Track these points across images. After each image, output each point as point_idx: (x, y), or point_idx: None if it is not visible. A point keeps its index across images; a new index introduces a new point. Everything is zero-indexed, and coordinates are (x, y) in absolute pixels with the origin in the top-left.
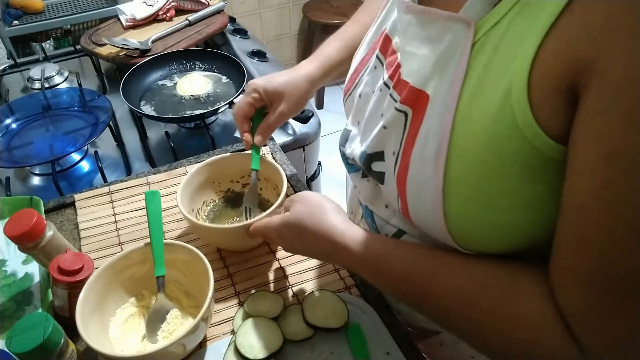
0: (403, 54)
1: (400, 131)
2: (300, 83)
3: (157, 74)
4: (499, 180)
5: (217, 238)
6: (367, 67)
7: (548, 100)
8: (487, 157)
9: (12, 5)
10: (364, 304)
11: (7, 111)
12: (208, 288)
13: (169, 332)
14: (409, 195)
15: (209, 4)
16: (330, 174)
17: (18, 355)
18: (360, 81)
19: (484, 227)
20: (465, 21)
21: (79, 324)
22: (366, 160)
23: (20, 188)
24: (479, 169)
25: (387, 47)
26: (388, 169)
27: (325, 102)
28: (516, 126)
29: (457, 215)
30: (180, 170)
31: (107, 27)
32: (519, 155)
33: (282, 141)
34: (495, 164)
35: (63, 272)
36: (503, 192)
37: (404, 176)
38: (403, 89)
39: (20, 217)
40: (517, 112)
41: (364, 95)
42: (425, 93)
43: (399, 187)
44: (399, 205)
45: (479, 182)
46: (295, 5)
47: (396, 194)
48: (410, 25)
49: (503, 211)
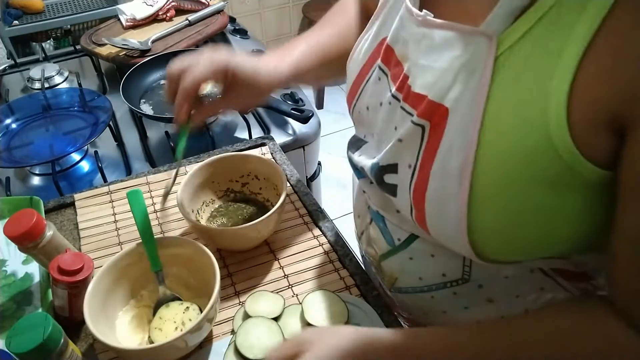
0: (415, 67)
1: (416, 144)
2: (269, 79)
3: (157, 74)
4: (527, 195)
5: (217, 239)
6: (369, 78)
7: (589, 125)
8: (516, 172)
9: (12, 5)
10: (364, 304)
11: (7, 111)
12: (214, 287)
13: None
14: (428, 208)
15: (209, 4)
16: (330, 174)
17: (18, 355)
18: (364, 92)
19: (509, 241)
20: (487, 35)
21: (89, 322)
22: (378, 172)
23: (20, 188)
24: (507, 186)
25: (389, 58)
26: (402, 181)
27: (325, 102)
28: (551, 145)
29: (482, 229)
30: (180, 170)
31: (107, 27)
32: (551, 171)
33: (282, 141)
34: (524, 181)
35: (63, 272)
36: (531, 208)
37: (423, 190)
38: (417, 102)
39: (20, 217)
40: (553, 132)
41: (372, 107)
42: (444, 106)
43: (415, 200)
44: (412, 215)
45: (507, 197)
46: (295, 5)
47: (409, 205)
48: (425, 39)
49: (530, 226)
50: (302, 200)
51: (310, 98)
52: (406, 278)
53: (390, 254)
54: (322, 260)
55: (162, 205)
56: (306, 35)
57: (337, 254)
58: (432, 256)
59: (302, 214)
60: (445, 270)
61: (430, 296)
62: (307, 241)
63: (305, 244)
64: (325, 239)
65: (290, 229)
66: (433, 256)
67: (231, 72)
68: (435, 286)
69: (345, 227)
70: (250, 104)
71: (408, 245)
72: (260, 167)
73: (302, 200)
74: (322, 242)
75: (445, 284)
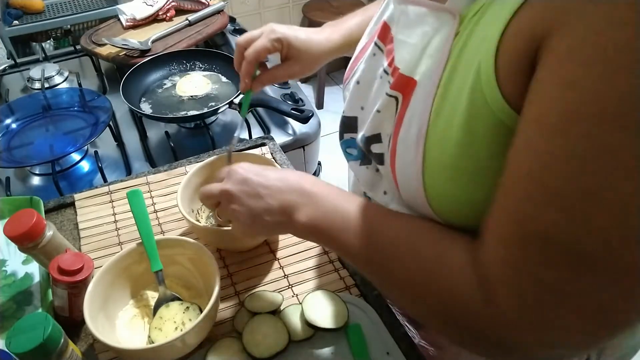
0: (396, 42)
1: (392, 115)
2: (321, 48)
3: (157, 74)
4: (473, 158)
5: (216, 239)
6: (365, 55)
7: (512, 74)
8: (462, 137)
9: (12, 5)
10: (364, 304)
11: (7, 111)
12: (214, 288)
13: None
14: (398, 176)
15: (209, 4)
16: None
17: (18, 355)
18: (359, 66)
19: (464, 205)
20: (450, 12)
21: (89, 322)
22: (366, 143)
23: (20, 188)
24: (455, 150)
25: (386, 35)
26: (385, 149)
27: (325, 102)
28: (485, 102)
29: (438, 194)
30: (180, 170)
31: (107, 27)
32: (490, 131)
33: (282, 141)
34: (469, 143)
35: (63, 272)
36: (478, 170)
37: (394, 158)
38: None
39: (20, 217)
40: (485, 88)
41: (363, 82)
42: (413, 79)
43: (391, 168)
44: (393, 186)
45: (455, 161)
46: (295, 5)
47: (391, 174)
48: (402, 15)
49: (479, 188)
50: None
51: (311, 98)
52: None
53: None
54: (322, 260)
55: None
56: (362, 10)
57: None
58: None
59: None
60: None
61: None
62: (307, 241)
63: (305, 244)
64: None
65: None
66: None
67: (286, 43)
68: None
69: None
70: (305, 71)
71: None
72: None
73: None
74: None
75: None
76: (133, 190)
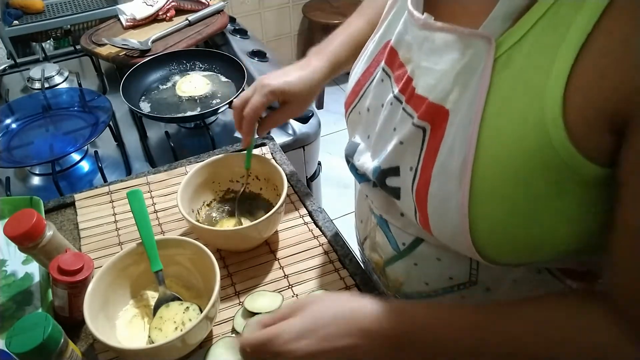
0: (418, 69)
1: (418, 146)
2: (311, 83)
3: (157, 74)
4: (527, 194)
5: (216, 239)
6: (373, 80)
7: (585, 123)
8: (515, 171)
9: (12, 5)
10: None
11: (7, 111)
12: (214, 287)
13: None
14: (430, 209)
15: (209, 4)
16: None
17: (18, 355)
18: (367, 94)
19: (510, 241)
20: (486, 37)
21: (89, 322)
22: (380, 175)
23: (20, 188)
24: (507, 183)
25: (393, 60)
26: (404, 184)
27: (325, 102)
28: (549, 144)
29: (483, 229)
30: (180, 170)
31: (107, 27)
32: (550, 170)
33: (282, 141)
34: (524, 178)
35: (63, 272)
36: (531, 207)
37: (425, 191)
38: (419, 104)
39: (20, 217)
40: (551, 131)
41: (373, 108)
42: (444, 108)
43: (418, 202)
44: (417, 218)
45: (506, 195)
46: (295, 5)
47: (414, 208)
48: (427, 41)
49: (530, 225)
50: (302, 200)
51: None
52: (412, 283)
53: (395, 259)
54: (322, 260)
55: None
56: (341, 30)
57: (337, 254)
58: (439, 260)
59: (302, 214)
60: (452, 273)
61: (437, 301)
62: (307, 241)
63: (305, 244)
64: (325, 239)
65: (290, 229)
66: (439, 260)
67: (279, 92)
68: (442, 290)
69: (345, 227)
70: (304, 108)
71: (413, 249)
72: (260, 167)
73: (302, 200)
74: (322, 242)
75: (453, 287)
76: (133, 190)
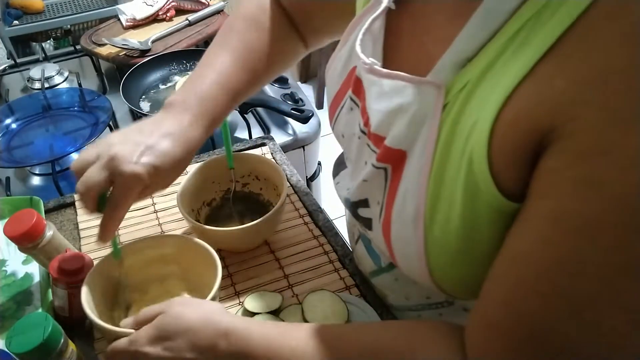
0: (370, 110)
1: (381, 184)
2: (188, 154)
3: (157, 74)
4: (476, 242)
5: (216, 239)
6: (343, 106)
7: (508, 165)
8: (461, 223)
9: (12, 5)
10: (364, 304)
11: (7, 111)
12: (214, 283)
13: None
14: (394, 249)
15: (209, 4)
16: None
17: (18, 355)
18: (339, 119)
19: (469, 282)
20: (434, 84)
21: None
22: (352, 206)
23: (20, 188)
24: (457, 233)
25: (359, 90)
26: (374, 216)
27: (326, 102)
28: (480, 192)
29: (442, 273)
30: None
31: (107, 27)
32: (488, 218)
33: (282, 141)
34: (471, 227)
35: (63, 272)
36: (482, 251)
37: (388, 230)
38: (378, 143)
39: (20, 217)
40: (479, 179)
41: (346, 136)
42: (402, 151)
43: (385, 238)
44: (387, 253)
45: (458, 244)
46: None
47: (384, 242)
48: (375, 85)
49: (485, 268)
50: (302, 200)
51: (311, 98)
52: (394, 296)
53: (378, 273)
54: (322, 261)
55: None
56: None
57: (337, 254)
58: (415, 283)
59: (302, 214)
60: (429, 293)
61: (417, 315)
62: (307, 241)
63: (305, 244)
64: (325, 239)
65: (290, 229)
66: (415, 283)
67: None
68: (421, 306)
69: (345, 227)
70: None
71: (393, 267)
72: (260, 167)
73: (302, 200)
74: (322, 242)
75: (431, 305)
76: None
